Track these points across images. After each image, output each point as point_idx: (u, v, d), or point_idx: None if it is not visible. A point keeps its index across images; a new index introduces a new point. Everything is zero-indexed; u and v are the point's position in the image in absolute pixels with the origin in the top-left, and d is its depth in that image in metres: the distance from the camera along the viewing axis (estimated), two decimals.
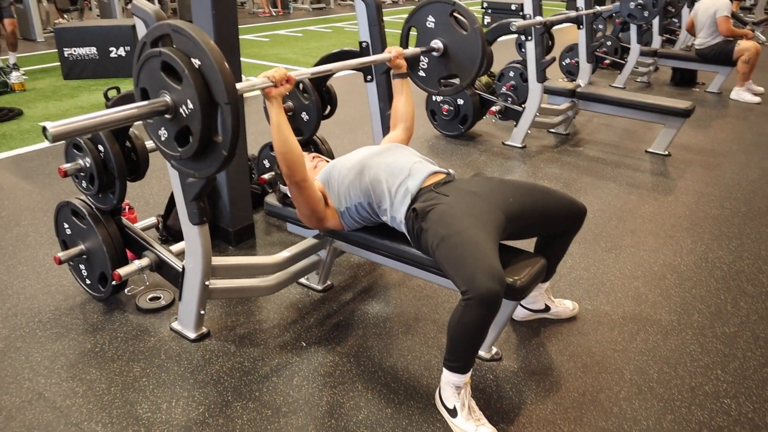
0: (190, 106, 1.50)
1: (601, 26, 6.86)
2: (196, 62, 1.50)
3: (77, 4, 10.13)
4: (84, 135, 1.59)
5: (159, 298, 2.46)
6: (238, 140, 1.54)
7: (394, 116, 2.46)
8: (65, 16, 9.97)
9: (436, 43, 2.53)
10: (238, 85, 1.63)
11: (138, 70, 1.62)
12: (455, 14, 2.49)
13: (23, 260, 2.79)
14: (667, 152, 4.49)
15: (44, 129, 1.39)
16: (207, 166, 1.60)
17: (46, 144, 4.44)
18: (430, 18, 2.53)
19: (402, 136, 2.41)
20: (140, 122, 2.05)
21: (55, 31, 6.93)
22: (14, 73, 6.02)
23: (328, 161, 2.41)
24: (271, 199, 2.49)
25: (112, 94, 2.28)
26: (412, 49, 2.50)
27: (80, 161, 2.22)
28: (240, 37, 2.78)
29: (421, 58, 2.59)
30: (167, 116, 1.58)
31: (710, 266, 2.86)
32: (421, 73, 2.64)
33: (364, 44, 2.77)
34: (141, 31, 1.86)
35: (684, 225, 3.30)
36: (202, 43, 1.47)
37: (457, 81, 2.58)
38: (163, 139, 1.63)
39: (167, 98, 1.56)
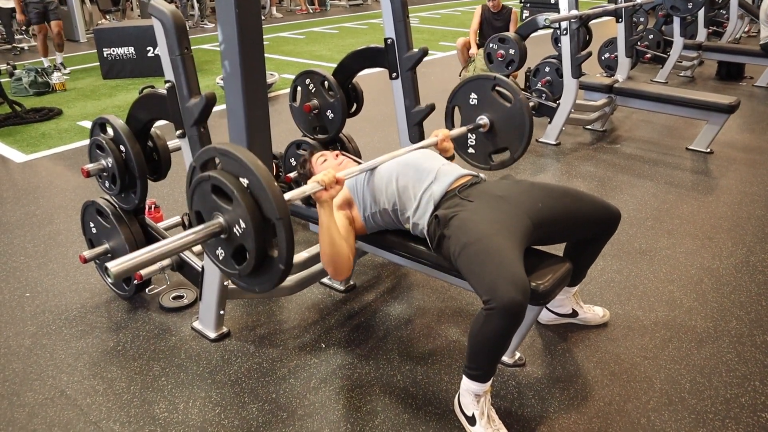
0: (243, 225, 1.51)
1: (642, 19, 6.64)
2: (244, 182, 1.51)
3: (119, 4, 10.37)
4: (147, 266, 1.62)
5: (182, 297, 2.47)
6: (293, 254, 1.54)
7: None
8: (107, 16, 10.21)
9: (482, 119, 2.53)
10: (289, 195, 1.63)
11: (191, 194, 1.65)
12: (497, 88, 2.47)
13: (54, 258, 2.84)
14: (709, 150, 4.30)
15: (106, 269, 1.42)
16: (266, 280, 1.61)
17: (83, 142, 4.55)
18: (473, 95, 2.54)
19: None
20: (165, 121, 2.07)
21: (94, 31, 7.11)
22: (55, 74, 6.20)
23: (353, 159, 2.38)
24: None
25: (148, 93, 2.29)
26: (458, 130, 2.48)
27: (103, 161, 2.24)
28: (277, 34, 2.77)
29: (469, 135, 2.57)
30: (222, 236, 1.59)
31: (751, 270, 2.72)
32: (470, 150, 2.64)
33: (389, 41, 2.72)
34: (158, 31, 1.86)
35: (725, 226, 3.15)
36: (248, 162, 1.48)
37: (507, 153, 2.58)
38: (221, 258, 1.65)
39: (221, 219, 1.57)
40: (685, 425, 1.84)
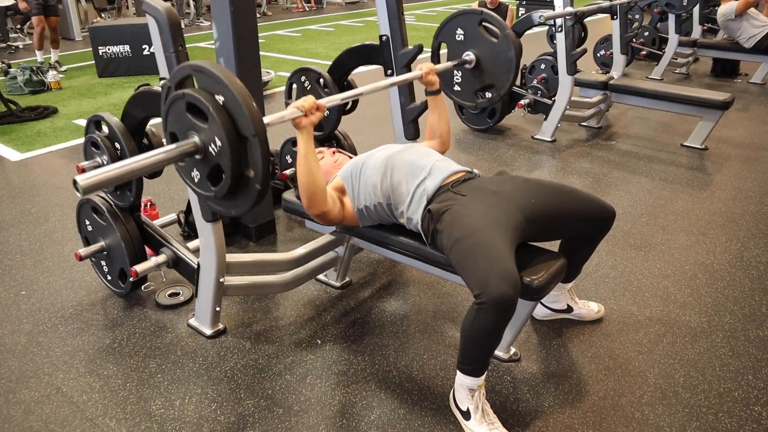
0: (218, 143, 1.48)
1: (637, 16, 6.66)
2: (220, 99, 1.48)
3: (114, 3, 10.34)
4: (117, 183, 1.58)
5: (178, 294, 2.47)
6: (269, 173, 1.52)
7: (429, 132, 2.39)
8: (102, 15, 10.19)
9: (468, 55, 2.49)
10: (267, 118, 1.63)
11: (165, 115, 1.60)
12: (484, 23, 2.44)
13: (50, 256, 2.84)
14: (704, 146, 4.32)
15: (75, 182, 1.38)
16: (243, 203, 1.58)
17: (78, 140, 4.54)
18: (459, 31, 2.50)
19: (438, 149, 2.35)
20: (158, 119, 2.07)
21: (90, 30, 7.09)
22: (51, 72, 6.18)
23: (350, 156, 2.38)
24: (288, 195, 2.47)
25: None
26: (443, 64, 2.45)
27: (98, 159, 2.24)
28: (273, 32, 2.76)
29: (455, 72, 2.54)
30: (197, 157, 1.56)
31: (745, 265, 2.73)
32: (456, 88, 2.61)
33: (384, 38, 2.73)
34: (153, 29, 1.86)
35: (719, 222, 3.17)
36: (224, 78, 1.45)
37: (493, 91, 2.54)
38: (196, 180, 1.62)
39: (195, 139, 1.54)
40: (678, 419, 1.85)
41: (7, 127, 4.90)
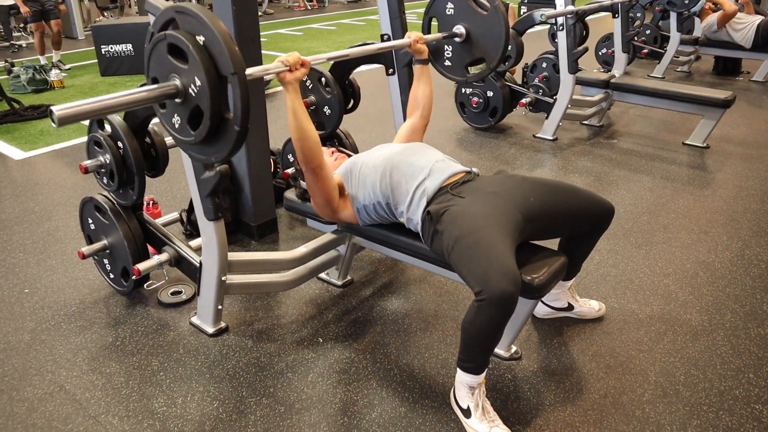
0: (198, 83, 1.49)
1: (639, 14, 6.64)
2: (200, 39, 1.49)
3: (117, 2, 10.35)
4: (93, 117, 1.57)
5: (180, 292, 2.48)
6: (249, 113, 1.51)
7: (412, 103, 2.39)
8: (105, 14, 10.20)
9: (458, 29, 2.46)
10: (252, 70, 1.62)
11: (147, 60, 1.61)
12: None
13: (53, 254, 2.85)
14: (705, 144, 4.32)
15: (50, 112, 1.36)
16: (222, 147, 1.58)
17: (81, 139, 4.55)
18: (449, 5, 2.47)
19: (418, 124, 2.36)
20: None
21: (92, 29, 7.10)
22: (53, 71, 6.20)
23: (349, 155, 2.39)
24: (290, 194, 2.48)
25: None
26: (433, 35, 2.43)
27: (100, 158, 2.25)
28: (274, 31, 2.77)
29: (445, 46, 2.53)
30: (177, 100, 1.56)
31: (747, 264, 2.74)
32: (447, 63, 2.58)
33: (385, 36, 2.74)
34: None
35: (720, 220, 3.17)
36: (204, 18, 1.46)
37: (483, 66, 2.52)
38: (177, 126, 1.62)
39: (176, 81, 1.54)
40: (679, 417, 1.85)
41: (10, 126, 4.91)
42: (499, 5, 2.35)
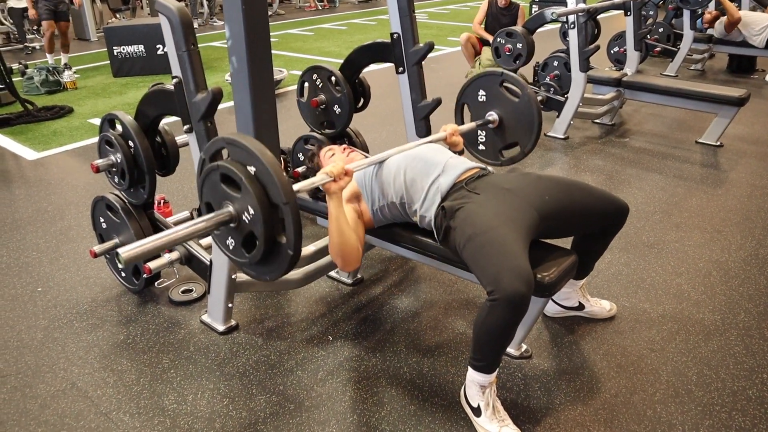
0: (251, 211, 1.53)
1: (651, 12, 6.59)
2: (251, 169, 1.53)
3: (129, 3, 10.43)
4: (156, 253, 1.65)
5: (191, 290, 2.50)
6: (301, 237, 1.55)
7: None
8: (117, 15, 10.27)
9: (491, 115, 2.51)
10: (298, 185, 1.67)
11: (201, 186, 1.67)
12: (505, 84, 2.47)
13: (65, 253, 2.88)
14: (719, 143, 4.28)
15: (117, 254, 1.45)
16: (275, 268, 1.62)
17: (93, 139, 4.59)
18: (481, 92, 2.53)
19: None
20: (171, 118, 2.09)
21: (104, 30, 7.16)
22: (66, 72, 6.25)
23: (362, 153, 2.39)
24: (300, 193, 2.48)
25: None
26: (467, 125, 2.47)
27: (112, 157, 2.27)
28: (285, 31, 2.77)
29: (478, 131, 2.57)
30: (232, 225, 1.61)
31: (761, 263, 2.71)
32: (481, 147, 2.62)
33: (395, 35, 2.73)
34: (165, 28, 1.88)
35: (734, 219, 3.14)
36: (255, 150, 1.50)
37: (518, 149, 2.56)
38: (231, 248, 1.67)
39: (230, 208, 1.59)
40: (691, 417, 1.84)
41: (24, 127, 4.96)
42: (530, 93, 2.40)
